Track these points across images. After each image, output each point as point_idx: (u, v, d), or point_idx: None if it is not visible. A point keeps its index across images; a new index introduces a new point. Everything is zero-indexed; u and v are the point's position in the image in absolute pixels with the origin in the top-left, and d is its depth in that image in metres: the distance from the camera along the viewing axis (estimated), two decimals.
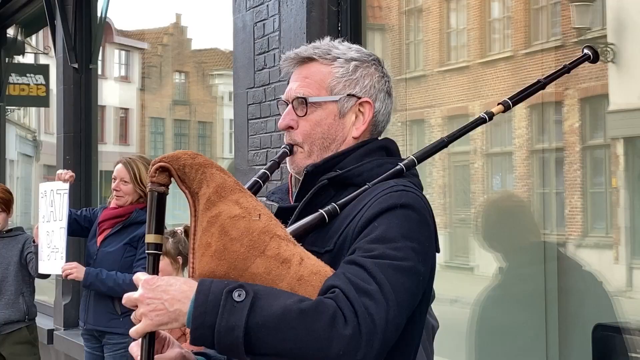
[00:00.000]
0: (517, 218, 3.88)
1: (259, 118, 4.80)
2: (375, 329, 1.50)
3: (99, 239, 4.68)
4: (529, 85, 2.15)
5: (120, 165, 4.63)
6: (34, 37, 10.54)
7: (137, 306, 1.58)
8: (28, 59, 10.45)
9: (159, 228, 1.65)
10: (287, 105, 1.88)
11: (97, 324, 4.60)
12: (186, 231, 1.72)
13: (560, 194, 3.81)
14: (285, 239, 1.62)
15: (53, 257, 4.69)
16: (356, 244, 1.64)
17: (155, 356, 1.68)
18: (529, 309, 3.74)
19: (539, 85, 2.16)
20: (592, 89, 3.70)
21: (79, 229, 4.83)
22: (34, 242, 4.96)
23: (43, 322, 6.97)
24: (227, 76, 7.76)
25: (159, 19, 8.95)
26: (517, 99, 2.10)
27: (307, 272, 1.58)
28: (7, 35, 10.31)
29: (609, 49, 3.55)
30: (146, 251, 1.66)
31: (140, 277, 1.61)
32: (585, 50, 2.27)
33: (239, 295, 1.50)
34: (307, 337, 1.48)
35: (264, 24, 4.76)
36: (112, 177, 4.69)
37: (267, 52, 4.72)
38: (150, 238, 1.65)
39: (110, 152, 8.88)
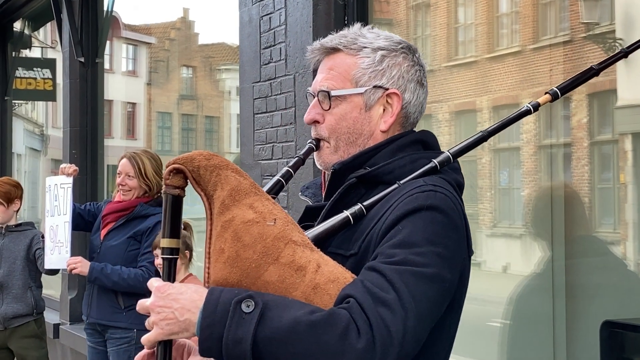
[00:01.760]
0: (570, 209, 3.79)
1: (265, 112, 4.78)
2: (392, 341, 1.43)
3: (103, 232, 4.69)
4: (581, 73, 1.95)
5: (124, 160, 4.63)
6: (40, 30, 10.53)
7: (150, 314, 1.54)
8: (35, 53, 10.43)
9: (174, 232, 1.59)
10: (314, 97, 1.80)
11: (100, 317, 4.59)
12: (185, 227, 1.68)
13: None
14: (302, 244, 1.55)
15: (57, 251, 4.69)
16: (379, 248, 1.56)
17: None
18: (569, 299, 3.69)
19: (592, 73, 1.95)
20: (600, 84, 3.67)
21: (82, 223, 4.83)
22: (42, 237, 4.96)
23: (49, 317, 6.97)
24: (234, 71, 7.75)
25: (166, 13, 8.95)
26: (567, 87, 1.90)
27: (323, 280, 1.51)
28: (14, 29, 10.32)
29: (617, 45, 3.53)
30: (161, 256, 1.61)
31: (153, 283, 1.56)
32: None
33: (248, 306, 1.44)
34: (318, 351, 1.41)
35: (270, 18, 4.74)
36: (117, 172, 4.69)
37: (273, 45, 4.70)
38: (165, 242, 1.59)
39: (117, 146, 8.89)
